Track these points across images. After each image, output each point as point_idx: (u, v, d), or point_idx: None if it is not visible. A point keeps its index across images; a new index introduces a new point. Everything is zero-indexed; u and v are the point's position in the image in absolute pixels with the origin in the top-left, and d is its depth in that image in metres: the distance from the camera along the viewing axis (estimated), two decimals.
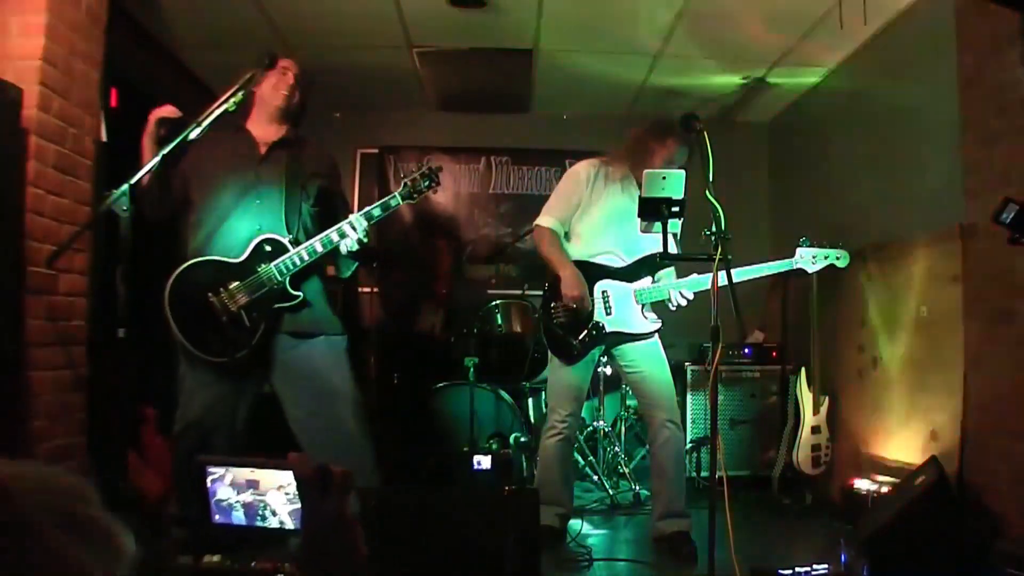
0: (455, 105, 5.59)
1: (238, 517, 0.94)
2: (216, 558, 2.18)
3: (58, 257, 2.66)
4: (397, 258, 5.62)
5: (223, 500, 0.93)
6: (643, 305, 3.16)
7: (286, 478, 0.90)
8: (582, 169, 3.30)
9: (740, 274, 2.95)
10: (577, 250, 3.25)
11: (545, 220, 3.28)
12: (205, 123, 2.62)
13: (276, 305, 2.67)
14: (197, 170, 2.75)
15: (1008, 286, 2.87)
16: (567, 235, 3.30)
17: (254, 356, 2.68)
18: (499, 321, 4.45)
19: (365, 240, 2.74)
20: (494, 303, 4.52)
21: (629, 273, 3.19)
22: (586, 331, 3.15)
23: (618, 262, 3.20)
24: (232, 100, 2.70)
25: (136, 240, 2.52)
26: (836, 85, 4.63)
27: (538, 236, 3.30)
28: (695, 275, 3.09)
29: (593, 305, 3.16)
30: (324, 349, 2.77)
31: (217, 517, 0.95)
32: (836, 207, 4.52)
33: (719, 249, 2.45)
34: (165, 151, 2.54)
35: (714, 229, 2.48)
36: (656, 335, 3.25)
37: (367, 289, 5.07)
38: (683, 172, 2.53)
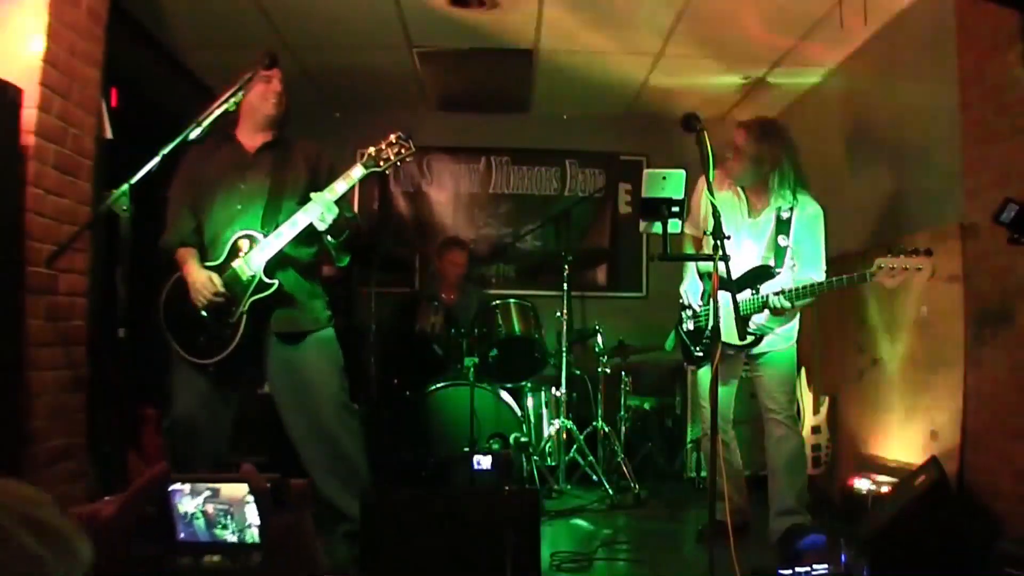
0: (455, 105, 5.59)
1: (200, 528, 0.88)
2: (216, 558, 2.18)
3: (58, 257, 2.66)
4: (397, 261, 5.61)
5: (186, 513, 0.87)
6: (746, 317, 3.06)
7: (245, 491, 0.84)
8: (701, 178, 3.26)
9: (816, 288, 3.00)
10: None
11: (684, 227, 3.27)
12: (205, 123, 2.63)
13: (253, 297, 2.71)
14: (194, 181, 2.84)
15: (1008, 286, 2.86)
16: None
17: (238, 357, 2.71)
18: (499, 321, 4.45)
19: (349, 216, 2.80)
20: (494, 303, 4.52)
21: (736, 285, 3.00)
22: (706, 339, 3.23)
23: (735, 272, 3.02)
24: (232, 100, 2.71)
25: (136, 240, 2.53)
26: (836, 85, 4.62)
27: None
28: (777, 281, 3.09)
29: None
30: (313, 350, 2.82)
31: (182, 534, 0.89)
32: (836, 207, 4.50)
33: (719, 249, 2.45)
34: (165, 151, 2.55)
35: (713, 228, 2.48)
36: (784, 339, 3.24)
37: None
38: (683, 172, 2.53)
